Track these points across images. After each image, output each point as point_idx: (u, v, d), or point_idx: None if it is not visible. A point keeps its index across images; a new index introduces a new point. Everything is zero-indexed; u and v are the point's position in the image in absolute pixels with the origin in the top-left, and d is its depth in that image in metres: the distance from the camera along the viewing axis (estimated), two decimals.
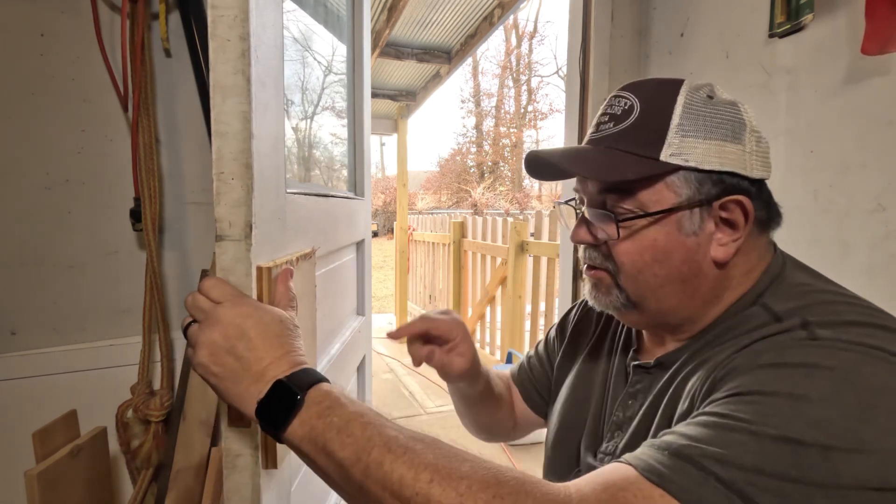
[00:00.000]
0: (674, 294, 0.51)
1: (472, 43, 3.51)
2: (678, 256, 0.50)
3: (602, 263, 0.53)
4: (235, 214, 0.43)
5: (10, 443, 1.06)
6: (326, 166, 1.37)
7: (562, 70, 19.03)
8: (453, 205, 20.47)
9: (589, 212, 0.53)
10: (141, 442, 1.11)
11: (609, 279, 0.53)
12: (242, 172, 0.42)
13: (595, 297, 0.55)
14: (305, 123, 1.18)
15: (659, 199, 0.49)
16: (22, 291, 1.11)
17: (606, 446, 0.57)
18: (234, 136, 0.41)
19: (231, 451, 0.46)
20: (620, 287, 0.52)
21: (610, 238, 0.51)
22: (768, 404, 0.38)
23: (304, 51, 1.08)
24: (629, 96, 0.52)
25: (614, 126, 0.51)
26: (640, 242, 0.50)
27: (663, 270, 0.50)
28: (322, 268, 0.92)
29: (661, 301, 0.51)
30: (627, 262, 0.51)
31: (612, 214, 0.50)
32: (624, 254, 0.51)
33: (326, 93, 1.28)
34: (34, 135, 1.09)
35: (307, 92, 1.16)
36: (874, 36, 0.79)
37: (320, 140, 1.30)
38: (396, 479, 0.38)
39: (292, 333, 0.46)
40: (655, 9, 1.36)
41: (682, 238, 0.49)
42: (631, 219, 0.49)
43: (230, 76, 0.40)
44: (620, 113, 0.52)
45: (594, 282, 0.55)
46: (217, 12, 0.39)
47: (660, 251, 0.49)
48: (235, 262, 0.44)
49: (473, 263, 3.96)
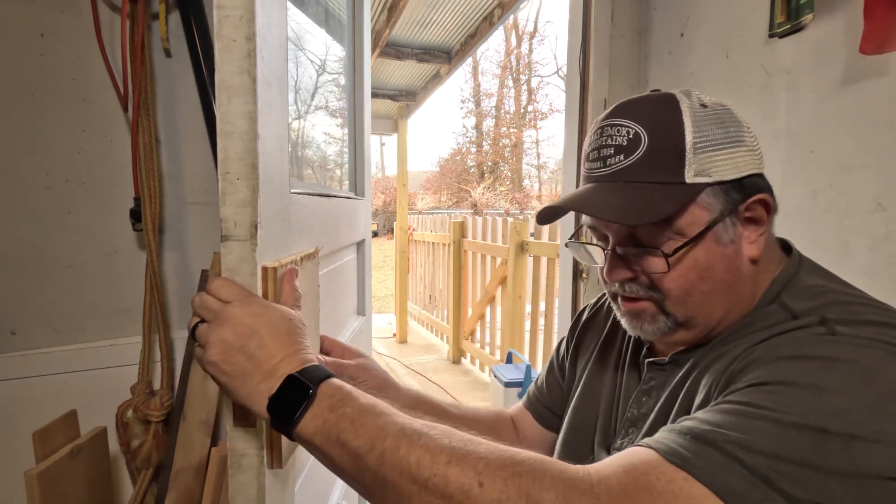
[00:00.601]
0: (721, 304, 0.51)
1: (472, 43, 3.52)
2: (720, 267, 0.50)
3: (645, 294, 0.52)
4: (241, 214, 0.43)
5: (10, 443, 1.05)
6: (320, 166, 1.37)
7: (562, 70, 19.04)
8: (453, 205, 20.47)
9: (626, 251, 0.52)
10: (141, 442, 1.11)
11: (653, 308, 0.52)
12: (248, 173, 0.42)
13: (638, 327, 0.53)
14: (298, 123, 1.18)
15: (693, 220, 0.49)
16: (22, 291, 1.10)
17: (621, 443, 0.57)
18: (239, 136, 0.41)
19: (236, 450, 0.46)
20: (668, 312, 0.51)
21: (657, 272, 0.50)
22: (789, 394, 0.39)
23: (297, 50, 1.08)
24: (628, 123, 0.50)
25: (626, 158, 0.50)
26: (684, 266, 0.49)
27: (709, 286, 0.50)
28: (323, 268, 0.92)
29: (709, 315, 0.51)
30: (675, 287, 0.50)
31: (660, 251, 0.49)
32: (671, 281, 0.50)
33: (320, 92, 1.28)
34: (34, 135, 1.09)
35: (300, 91, 1.16)
36: (872, 36, 0.80)
37: (313, 139, 1.30)
38: (414, 461, 0.38)
39: (301, 331, 0.46)
40: (655, 9, 1.36)
41: (721, 249, 0.50)
42: (680, 249, 0.49)
43: (236, 76, 0.40)
44: (627, 143, 0.50)
45: (635, 313, 0.53)
46: (223, 12, 0.39)
47: (703, 269, 0.49)
48: (241, 262, 0.44)
49: (473, 263, 3.96)
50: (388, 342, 4.80)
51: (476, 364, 3.96)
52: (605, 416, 0.62)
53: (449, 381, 3.65)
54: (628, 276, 0.52)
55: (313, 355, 0.46)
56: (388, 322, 5.61)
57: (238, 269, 0.44)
